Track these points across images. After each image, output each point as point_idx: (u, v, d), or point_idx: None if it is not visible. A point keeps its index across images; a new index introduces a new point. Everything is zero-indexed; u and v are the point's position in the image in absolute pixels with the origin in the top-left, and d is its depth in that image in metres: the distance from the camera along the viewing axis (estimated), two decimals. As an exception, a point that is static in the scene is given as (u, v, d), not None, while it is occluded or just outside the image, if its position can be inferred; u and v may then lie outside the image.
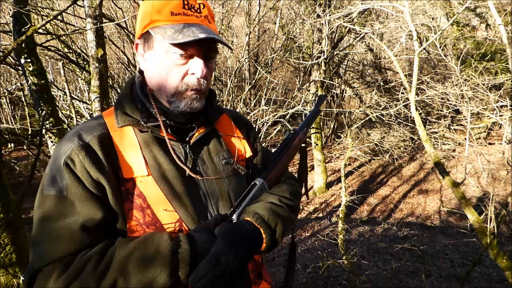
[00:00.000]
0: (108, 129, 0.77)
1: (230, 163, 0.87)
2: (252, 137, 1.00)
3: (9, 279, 2.02)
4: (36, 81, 3.19)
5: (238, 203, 0.80)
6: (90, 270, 0.62)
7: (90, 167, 0.70)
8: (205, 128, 0.84)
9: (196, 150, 0.84)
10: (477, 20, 10.69)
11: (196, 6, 0.77)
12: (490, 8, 4.25)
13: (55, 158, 0.72)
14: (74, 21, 7.38)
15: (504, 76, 6.75)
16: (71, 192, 0.69)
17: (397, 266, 4.11)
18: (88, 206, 0.68)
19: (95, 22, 2.85)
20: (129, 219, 0.72)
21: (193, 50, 0.75)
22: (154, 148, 0.77)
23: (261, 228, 0.73)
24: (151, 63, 0.79)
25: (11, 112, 13.03)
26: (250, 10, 8.97)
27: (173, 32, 0.72)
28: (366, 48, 11.17)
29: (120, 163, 0.74)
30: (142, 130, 0.78)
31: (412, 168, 10.86)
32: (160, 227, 0.73)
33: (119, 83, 8.11)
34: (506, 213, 2.78)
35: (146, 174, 0.74)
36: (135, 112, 0.78)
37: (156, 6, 0.75)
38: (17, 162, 10.18)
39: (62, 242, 0.66)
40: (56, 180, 0.70)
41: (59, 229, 0.66)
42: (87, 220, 0.67)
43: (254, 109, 7.28)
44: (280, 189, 0.86)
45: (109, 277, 0.61)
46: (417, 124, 3.75)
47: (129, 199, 0.73)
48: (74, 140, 0.73)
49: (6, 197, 2.02)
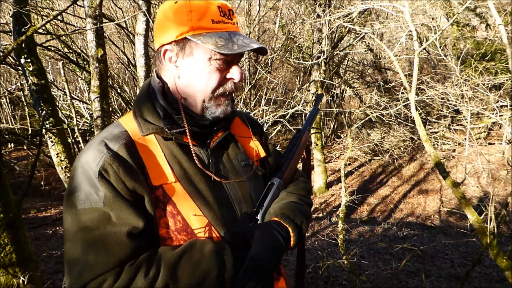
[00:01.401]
0: (131, 137, 0.76)
1: (248, 165, 0.89)
2: (264, 138, 1.02)
3: (9, 279, 2.02)
4: (36, 81, 3.20)
5: (260, 203, 0.84)
6: (141, 277, 0.63)
7: (125, 176, 0.69)
8: (223, 132, 0.86)
9: (216, 154, 0.85)
10: (477, 20, 10.69)
11: (228, 13, 0.78)
12: (490, 8, 4.25)
13: (84, 169, 0.70)
14: (74, 21, 7.38)
15: (504, 76, 6.75)
16: (110, 202, 0.68)
17: (397, 266, 4.12)
18: (129, 215, 0.68)
19: (95, 22, 2.86)
20: (161, 226, 0.73)
21: (232, 57, 0.77)
22: (179, 155, 0.78)
23: (289, 227, 0.77)
24: (187, 70, 0.77)
25: (11, 112, 13.02)
26: (250, 10, 8.97)
27: (225, 42, 0.73)
28: (366, 48, 11.16)
29: (148, 171, 0.74)
30: (166, 138, 0.78)
31: (412, 168, 10.86)
32: (191, 232, 0.74)
33: (119, 83, 8.11)
34: (506, 213, 2.78)
35: (174, 181, 0.75)
36: (157, 119, 0.78)
37: (196, 13, 0.74)
38: (17, 162, 10.18)
39: (110, 252, 0.65)
40: (90, 192, 0.68)
41: (105, 240, 0.66)
42: (131, 229, 0.67)
43: (254, 109, 7.28)
44: (297, 188, 0.91)
45: (160, 282, 0.63)
46: (417, 124, 3.75)
47: (159, 207, 0.73)
48: (103, 150, 0.71)
49: (6, 197, 2.02)
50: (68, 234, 0.68)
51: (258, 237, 0.72)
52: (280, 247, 0.73)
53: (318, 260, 4.28)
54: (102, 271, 0.64)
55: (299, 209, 0.81)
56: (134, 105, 0.82)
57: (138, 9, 3.94)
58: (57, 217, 6.84)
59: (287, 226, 0.77)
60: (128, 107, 7.42)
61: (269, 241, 0.72)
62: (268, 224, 0.76)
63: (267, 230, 0.74)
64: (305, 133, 0.99)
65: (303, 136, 0.98)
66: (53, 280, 3.50)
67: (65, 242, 0.69)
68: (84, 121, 8.67)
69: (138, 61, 3.60)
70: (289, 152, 0.96)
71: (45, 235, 5.58)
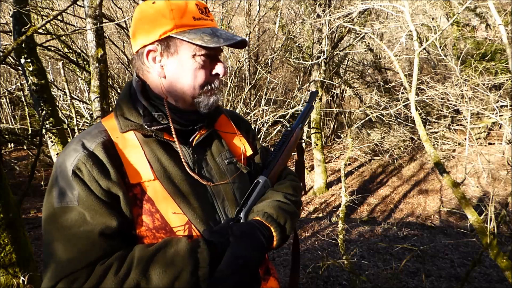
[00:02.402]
0: (110, 135, 0.77)
1: (232, 163, 0.88)
2: (251, 136, 1.01)
3: (9, 279, 2.02)
4: (36, 81, 3.19)
5: (244, 202, 0.82)
6: (112, 276, 0.63)
7: (99, 176, 0.70)
8: (206, 129, 0.85)
9: (199, 151, 0.84)
10: (477, 20, 10.69)
11: (204, 11, 0.79)
12: (490, 8, 4.25)
13: (61, 169, 0.71)
14: (74, 21, 7.38)
15: (504, 76, 6.75)
16: (84, 202, 0.68)
17: (397, 266, 4.12)
18: (102, 214, 0.68)
19: (95, 22, 2.85)
20: (139, 224, 0.73)
21: (215, 52, 0.79)
22: (158, 152, 0.78)
23: (271, 226, 0.76)
24: (172, 68, 0.77)
25: (11, 112, 13.02)
26: (250, 10, 8.96)
27: (210, 37, 0.74)
28: (366, 48, 11.16)
29: (126, 169, 0.74)
30: (145, 135, 0.78)
31: (412, 168, 10.86)
32: (169, 230, 0.74)
33: (119, 83, 8.12)
34: (506, 213, 2.78)
35: (153, 179, 0.74)
36: (137, 117, 0.78)
37: (177, 11, 0.74)
38: (17, 162, 10.18)
39: (81, 252, 0.65)
40: (65, 191, 0.69)
41: (77, 239, 0.66)
42: (104, 228, 0.67)
43: (254, 109, 7.29)
44: (283, 186, 0.88)
45: (130, 281, 0.62)
46: (417, 124, 3.74)
47: (137, 205, 0.73)
48: (79, 150, 0.72)
49: (6, 197, 2.02)
50: (44, 232, 0.69)
51: (237, 235, 0.70)
52: (261, 246, 0.72)
53: (318, 260, 4.29)
54: (73, 270, 0.64)
55: (283, 208, 0.79)
56: (115, 105, 0.83)
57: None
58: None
59: (268, 225, 0.76)
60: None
61: (249, 240, 0.71)
62: (249, 223, 0.75)
63: (248, 229, 0.73)
64: (295, 130, 0.97)
65: (294, 134, 0.96)
66: (53, 280, 3.49)
67: (43, 239, 0.70)
68: (84, 121, 8.67)
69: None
70: (278, 150, 0.93)
71: (45, 235, 5.57)
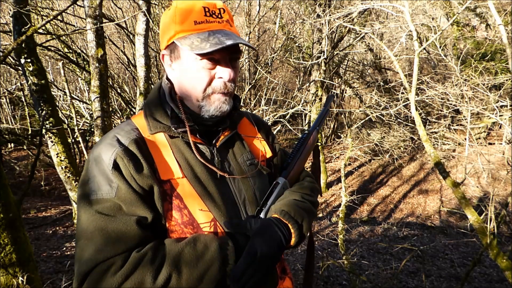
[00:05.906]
0: (141, 133, 0.81)
1: (254, 164, 0.91)
2: (270, 138, 1.04)
3: (9, 279, 2.02)
4: (36, 81, 3.19)
5: (264, 202, 0.85)
6: (147, 263, 0.66)
7: (135, 170, 0.73)
8: (230, 131, 0.88)
9: (222, 152, 0.88)
10: (477, 20, 10.69)
11: (216, 12, 0.79)
12: (490, 8, 4.24)
13: (97, 162, 0.74)
14: (74, 21, 7.38)
15: (504, 76, 6.74)
16: (122, 194, 0.71)
17: (397, 266, 4.12)
18: (138, 207, 0.72)
19: (95, 22, 2.85)
20: (168, 219, 0.76)
21: (219, 55, 0.78)
22: (185, 152, 0.81)
23: (289, 223, 0.78)
24: (179, 72, 0.82)
25: (11, 112, 13.02)
26: (250, 10, 8.96)
27: (200, 42, 0.75)
28: (366, 48, 11.16)
29: (157, 166, 0.77)
30: (173, 136, 0.82)
31: (412, 168, 10.87)
32: (197, 226, 0.77)
33: (119, 83, 8.11)
34: (506, 213, 2.78)
35: (181, 176, 0.78)
36: (165, 118, 0.82)
37: (179, 17, 0.77)
38: (17, 162, 10.18)
39: (118, 238, 0.68)
40: (103, 183, 0.72)
41: (115, 227, 0.69)
42: (140, 218, 0.71)
43: (254, 109, 7.29)
44: (301, 187, 0.92)
45: (164, 271, 0.66)
46: (417, 124, 3.74)
47: (167, 200, 0.76)
48: (115, 145, 0.75)
49: (6, 197, 2.02)
50: (81, 221, 0.72)
51: (257, 231, 0.74)
52: (279, 243, 0.74)
53: (318, 260, 4.28)
54: (110, 255, 0.67)
55: (300, 207, 0.82)
56: (145, 106, 0.86)
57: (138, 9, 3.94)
58: (57, 217, 6.84)
59: (286, 222, 0.77)
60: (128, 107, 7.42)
61: (268, 235, 0.73)
62: (268, 220, 0.78)
63: (266, 225, 0.76)
64: (313, 133, 0.99)
65: (311, 137, 0.99)
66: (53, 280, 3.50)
67: (77, 228, 0.73)
68: (84, 121, 8.67)
69: (138, 61, 3.60)
70: (296, 152, 0.96)
71: (45, 235, 5.58)
